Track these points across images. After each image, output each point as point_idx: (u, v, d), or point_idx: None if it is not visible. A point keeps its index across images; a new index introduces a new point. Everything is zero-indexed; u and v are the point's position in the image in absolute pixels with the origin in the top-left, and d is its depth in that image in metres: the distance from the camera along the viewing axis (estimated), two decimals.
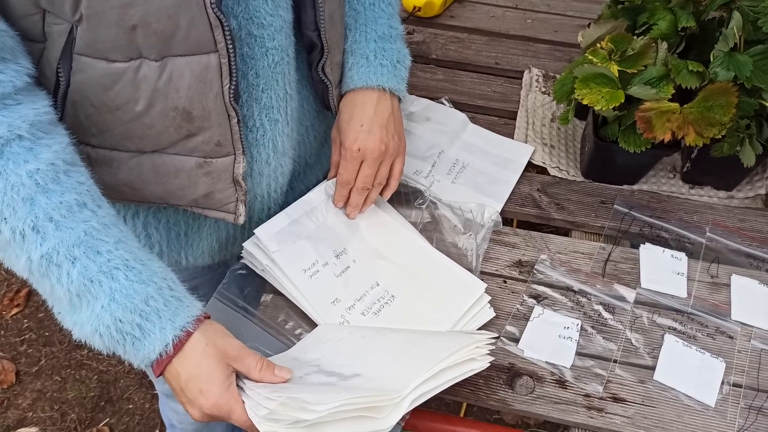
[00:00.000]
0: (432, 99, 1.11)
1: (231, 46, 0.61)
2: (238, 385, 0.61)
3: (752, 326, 0.82)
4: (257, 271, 0.78)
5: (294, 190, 0.85)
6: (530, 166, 1.02)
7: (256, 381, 0.61)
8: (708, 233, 0.92)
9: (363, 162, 0.78)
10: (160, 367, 0.58)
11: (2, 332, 1.76)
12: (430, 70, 1.20)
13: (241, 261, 0.80)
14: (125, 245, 0.58)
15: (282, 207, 0.81)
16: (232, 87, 0.63)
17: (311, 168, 0.89)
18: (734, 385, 0.76)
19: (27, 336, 1.76)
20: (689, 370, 0.77)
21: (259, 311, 0.79)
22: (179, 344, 0.58)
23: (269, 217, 0.80)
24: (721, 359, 0.78)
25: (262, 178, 0.75)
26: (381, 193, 0.84)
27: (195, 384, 0.58)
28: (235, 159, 0.69)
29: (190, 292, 0.88)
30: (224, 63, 0.61)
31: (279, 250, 0.76)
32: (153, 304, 0.57)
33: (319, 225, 0.81)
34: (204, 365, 0.58)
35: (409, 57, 0.85)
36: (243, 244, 0.78)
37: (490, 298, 0.80)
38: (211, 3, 0.56)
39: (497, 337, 0.76)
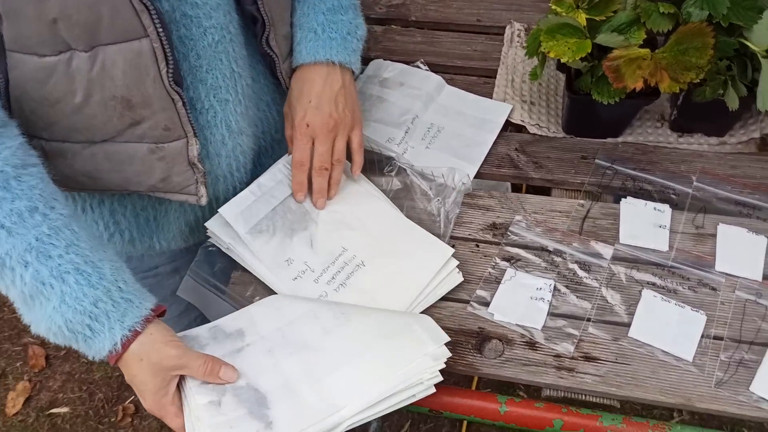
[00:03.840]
0: (408, 63, 1.08)
1: (161, 29, 0.60)
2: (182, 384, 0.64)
3: (737, 276, 0.78)
4: (223, 249, 0.79)
5: (263, 167, 0.85)
6: (510, 126, 0.99)
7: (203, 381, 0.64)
8: (695, 182, 0.89)
9: (315, 139, 0.77)
10: (113, 360, 0.61)
11: None
12: (409, 33, 1.17)
13: (209, 241, 0.81)
14: (76, 248, 0.59)
15: (248, 185, 0.81)
16: (170, 70, 0.63)
17: (279, 143, 0.88)
18: (715, 337, 0.74)
19: None
20: (667, 325, 0.75)
21: (230, 288, 0.80)
22: (127, 342, 0.61)
23: (236, 194, 0.80)
24: (702, 312, 0.75)
25: (221, 158, 0.76)
26: (351, 170, 0.83)
27: (134, 387, 0.63)
28: (187, 142, 0.69)
29: (168, 275, 0.90)
30: (157, 47, 0.61)
31: (245, 228, 0.77)
32: (102, 306, 0.59)
33: (284, 199, 0.81)
34: (138, 377, 0.62)
35: (364, 27, 0.82)
36: (206, 224, 0.79)
37: (458, 262, 0.79)
38: None
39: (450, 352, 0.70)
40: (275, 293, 0.77)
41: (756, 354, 0.72)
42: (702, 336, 0.74)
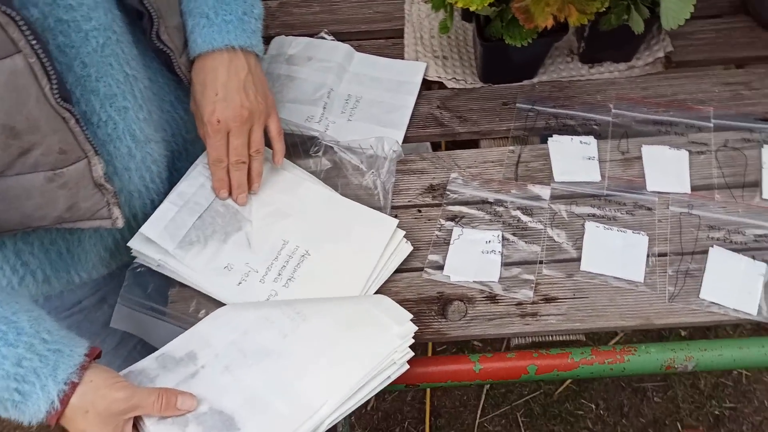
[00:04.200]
0: (312, 35, 1.03)
1: (35, 41, 0.53)
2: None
3: (668, 193, 0.81)
4: (153, 268, 0.73)
5: (180, 172, 0.79)
6: (427, 84, 0.97)
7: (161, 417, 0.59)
8: (613, 110, 0.91)
9: (229, 133, 0.72)
10: (54, 420, 0.55)
11: None
12: (306, 4, 1.12)
13: (136, 261, 0.75)
14: None
15: (167, 195, 0.75)
16: (55, 86, 0.56)
17: (192, 143, 0.82)
18: (659, 255, 0.76)
19: None
20: (614, 252, 0.77)
21: (169, 307, 0.74)
22: (66, 398, 0.54)
23: (155, 209, 0.74)
24: (643, 233, 0.78)
25: (131, 173, 0.69)
26: (273, 159, 0.78)
27: None
28: (89, 162, 0.62)
29: (95, 307, 0.82)
30: (34, 62, 0.53)
31: (173, 243, 0.71)
32: (27, 364, 0.53)
33: (210, 203, 0.76)
34: (88, 430, 0.55)
35: (260, 4, 0.76)
36: (129, 244, 0.72)
37: (404, 232, 0.77)
38: None
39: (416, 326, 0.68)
40: (222, 304, 0.72)
41: (698, 263, 0.75)
42: (647, 256, 0.76)
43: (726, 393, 1.61)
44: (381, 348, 0.63)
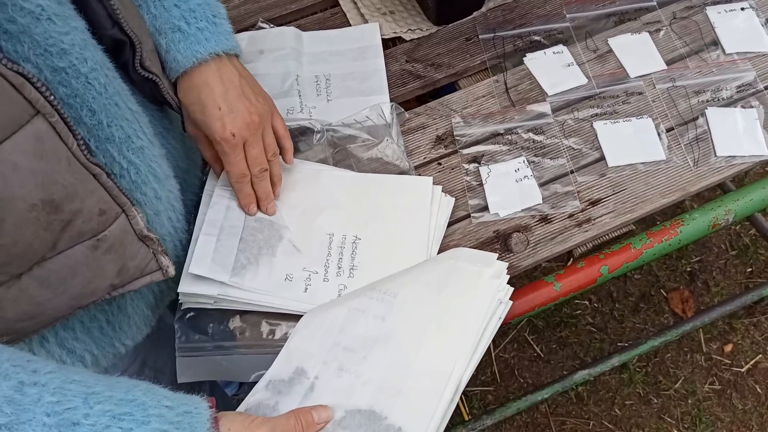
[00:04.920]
0: (248, 29, 0.97)
1: (52, 97, 0.46)
2: None
3: (649, 74, 0.86)
4: (209, 307, 0.67)
5: (185, 205, 0.72)
6: (385, 43, 0.95)
7: None
8: (567, 15, 0.93)
9: (245, 143, 0.67)
10: None
11: None
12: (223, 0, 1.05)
13: (183, 307, 0.68)
14: (96, 396, 0.46)
15: (189, 231, 0.69)
16: (81, 142, 0.49)
17: (187, 172, 0.75)
18: (667, 130, 0.81)
19: None
20: (629, 141, 0.80)
21: (239, 339, 0.69)
22: None
23: (186, 249, 0.67)
24: (646, 116, 0.82)
25: (161, 216, 0.62)
26: (284, 159, 0.74)
27: None
28: (127, 216, 0.55)
29: (138, 374, 0.77)
30: (56, 121, 0.47)
31: (227, 273, 0.66)
32: None
33: (243, 222, 0.70)
34: None
35: (220, 3, 0.71)
36: (179, 289, 0.66)
37: (441, 187, 0.76)
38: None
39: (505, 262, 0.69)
40: (293, 316, 0.68)
41: (702, 126, 0.81)
42: (658, 134, 0.81)
43: (690, 249, 1.77)
44: (483, 293, 0.63)
